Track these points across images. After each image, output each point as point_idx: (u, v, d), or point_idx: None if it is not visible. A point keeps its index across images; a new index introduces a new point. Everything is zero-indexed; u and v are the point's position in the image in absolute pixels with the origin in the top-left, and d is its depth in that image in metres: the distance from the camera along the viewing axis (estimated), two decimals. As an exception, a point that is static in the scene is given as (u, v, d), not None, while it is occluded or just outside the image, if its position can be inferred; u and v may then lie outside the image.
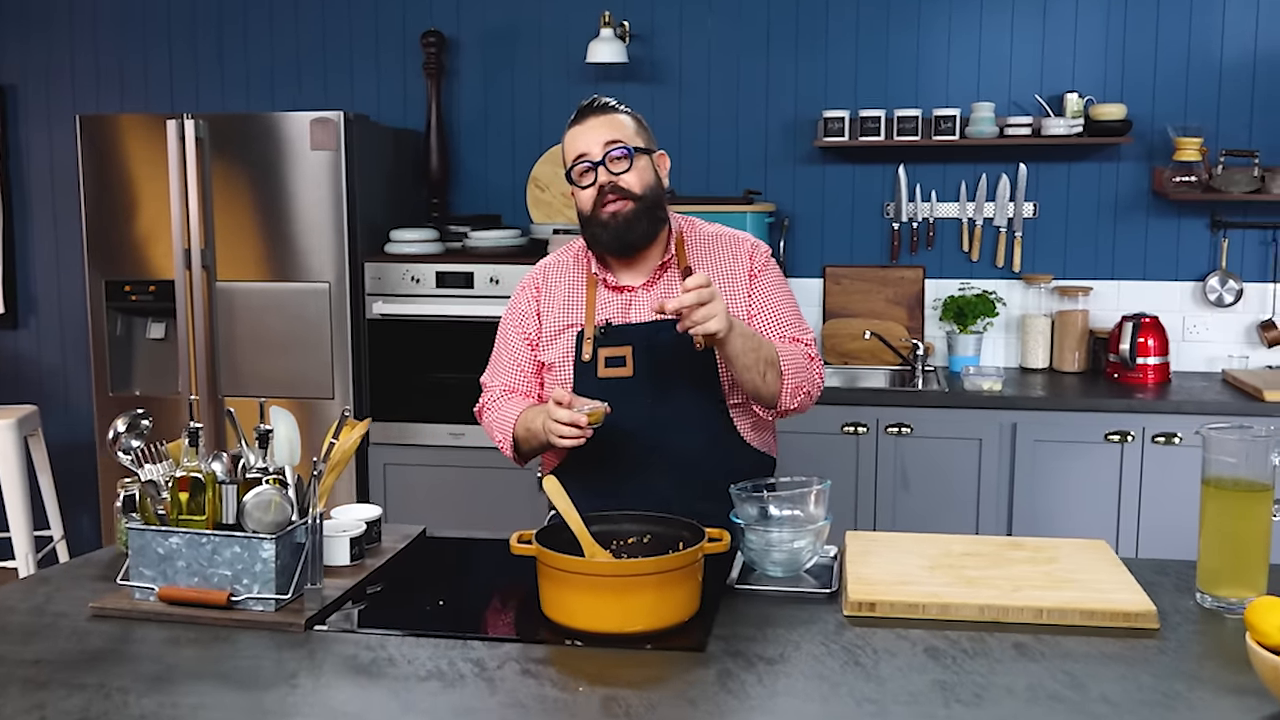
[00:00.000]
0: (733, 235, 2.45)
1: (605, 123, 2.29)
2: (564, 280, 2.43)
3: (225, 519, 1.89)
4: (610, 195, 2.27)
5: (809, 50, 4.34)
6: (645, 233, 2.31)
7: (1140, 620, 1.80)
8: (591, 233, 2.33)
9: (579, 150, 2.29)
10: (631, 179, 2.27)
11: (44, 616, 1.88)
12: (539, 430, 2.24)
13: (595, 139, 2.28)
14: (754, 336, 2.22)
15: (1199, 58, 4.12)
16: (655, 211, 2.32)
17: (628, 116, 2.33)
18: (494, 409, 2.43)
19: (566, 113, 4.41)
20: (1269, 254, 4.16)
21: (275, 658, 1.71)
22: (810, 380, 2.31)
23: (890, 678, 1.63)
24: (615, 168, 2.27)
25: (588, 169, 2.28)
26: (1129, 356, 3.96)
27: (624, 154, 2.27)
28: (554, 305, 2.42)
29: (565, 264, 2.46)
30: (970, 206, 4.31)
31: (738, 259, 2.40)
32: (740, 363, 2.19)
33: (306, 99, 4.61)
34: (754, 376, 2.22)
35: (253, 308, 4.07)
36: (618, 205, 2.27)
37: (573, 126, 2.33)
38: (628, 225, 2.28)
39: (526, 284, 2.48)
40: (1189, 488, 3.65)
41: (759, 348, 2.21)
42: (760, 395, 2.27)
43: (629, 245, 2.31)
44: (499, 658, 1.71)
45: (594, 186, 2.28)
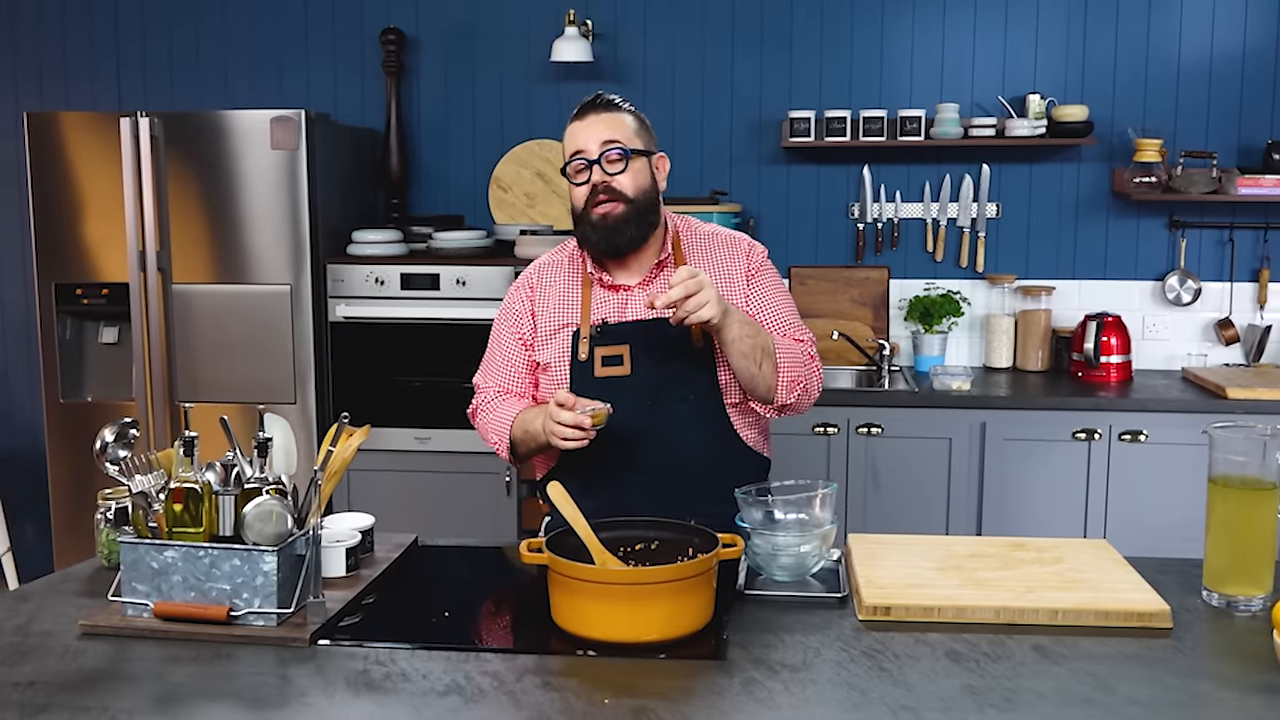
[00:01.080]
0: (729, 235, 2.43)
1: (605, 121, 2.26)
2: (558, 279, 2.39)
3: (222, 531, 1.82)
4: (602, 195, 2.23)
5: (773, 50, 4.33)
6: (634, 237, 2.28)
7: (1154, 620, 1.81)
8: (581, 231, 2.30)
9: (577, 146, 2.26)
10: (625, 181, 2.24)
11: (30, 636, 1.80)
12: (538, 431, 2.20)
13: (594, 136, 2.25)
14: (752, 324, 2.20)
15: (1157, 61, 4.18)
16: (647, 216, 2.28)
17: (630, 116, 2.30)
18: (489, 410, 2.38)
19: (528, 112, 4.44)
20: (1225, 254, 4.23)
21: (282, 675, 1.65)
22: (808, 378, 2.29)
23: (918, 683, 1.61)
24: (610, 168, 2.23)
25: (583, 166, 2.25)
26: (1093, 355, 4.01)
27: (620, 155, 2.24)
28: (549, 305, 2.38)
29: (560, 263, 2.42)
30: (934, 207, 4.33)
31: (735, 259, 2.37)
32: (737, 348, 2.17)
33: (260, 97, 4.50)
34: (750, 364, 2.19)
35: (210, 311, 3.97)
36: (608, 207, 2.24)
37: (574, 121, 2.29)
38: (616, 228, 2.25)
39: (520, 284, 2.44)
40: (1155, 485, 3.73)
41: (756, 334, 2.19)
42: (757, 386, 2.24)
43: (616, 248, 2.28)
44: (516, 670, 1.67)
45: (587, 185, 2.25)
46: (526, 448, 2.31)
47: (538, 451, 2.31)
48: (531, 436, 2.25)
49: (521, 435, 2.30)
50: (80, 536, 4.09)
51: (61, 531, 4.12)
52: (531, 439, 2.26)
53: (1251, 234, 4.20)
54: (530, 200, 4.46)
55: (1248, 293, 4.23)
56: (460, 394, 3.91)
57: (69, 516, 4.10)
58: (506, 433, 2.32)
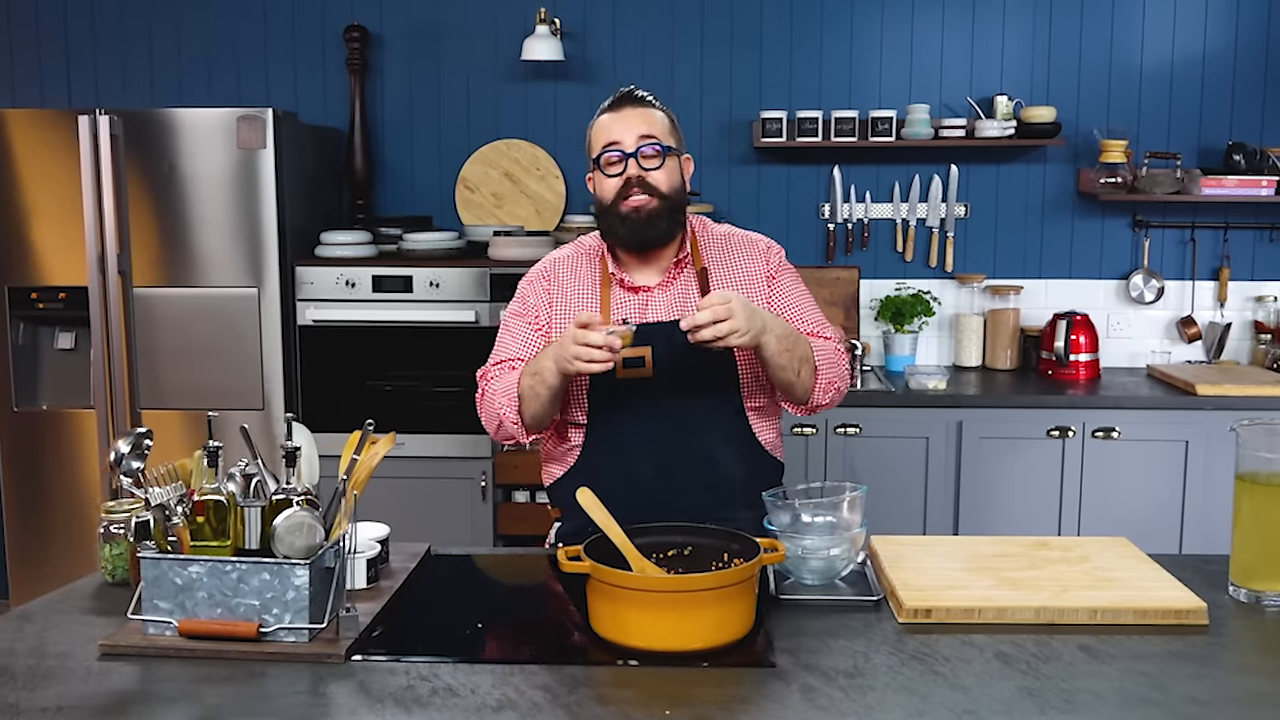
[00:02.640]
0: (745, 236, 2.42)
1: (642, 115, 2.24)
2: (575, 277, 2.36)
3: (248, 544, 1.75)
4: (636, 189, 2.21)
5: (743, 51, 4.32)
6: (664, 232, 2.26)
7: (1190, 617, 1.82)
8: (608, 223, 2.27)
9: (611, 138, 2.23)
10: (660, 177, 2.22)
11: (46, 658, 1.71)
12: (546, 368, 2.12)
13: (630, 129, 2.22)
14: (790, 334, 2.18)
15: (1120, 64, 4.24)
16: (676, 214, 2.27)
17: (663, 114, 2.29)
18: (494, 382, 2.30)
19: (495, 111, 4.38)
20: (1187, 253, 4.31)
21: (323, 693, 1.59)
22: (841, 376, 2.30)
23: (974, 686, 1.60)
24: (647, 163, 2.22)
25: (618, 159, 2.22)
26: (1063, 353, 4.06)
27: (657, 151, 2.22)
28: (567, 301, 2.34)
29: (576, 260, 2.38)
30: (904, 207, 4.35)
31: (754, 260, 2.36)
32: (776, 363, 2.16)
33: (216, 95, 4.38)
34: (789, 375, 2.19)
35: (173, 315, 3.85)
36: (641, 201, 2.22)
37: (607, 113, 2.27)
38: (648, 222, 2.23)
39: (535, 277, 2.39)
40: (1128, 481, 3.78)
41: (795, 345, 2.18)
42: (794, 392, 2.24)
43: (646, 242, 2.26)
44: (565, 682, 1.62)
45: (621, 177, 2.22)
46: (535, 396, 2.18)
47: (548, 402, 2.19)
48: (540, 379, 2.15)
49: (530, 381, 2.19)
50: (36, 549, 3.95)
51: (16, 544, 3.97)
52: (540, 381, 2.15)
53: (1212, 233, 4.29)
54: (498, 201, 4.40)
55: (1208, 291, 4.31)
56: (435, 397, 3.87)
57: (24, 528, 3.95)
58: (514, 388, 2.22)
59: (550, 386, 2.16)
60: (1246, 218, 4.26)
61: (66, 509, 3.94)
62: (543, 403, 2.20)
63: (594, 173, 2.29)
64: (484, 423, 2.36)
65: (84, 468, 3.91)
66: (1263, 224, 4.26)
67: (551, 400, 2.20)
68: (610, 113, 2.27)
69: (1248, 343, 4.31)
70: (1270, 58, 4.20)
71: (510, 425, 2.27)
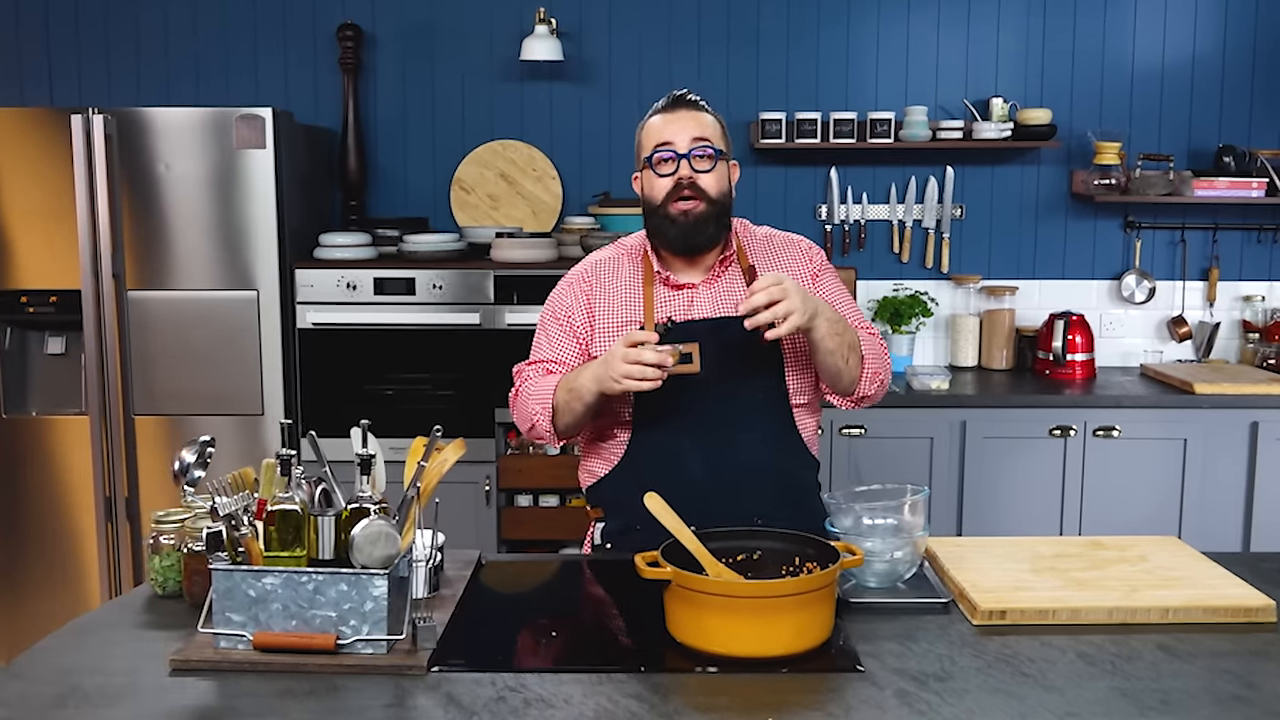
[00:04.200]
0: (787, 237, 2.43)
1: (695, 119, 2.24)
2: (618, 277, 2.35)
3: (322, 554, 1.71)
4: (687, 191, 2.22)
5: (740, 52, 4.32)
6: (712, 237, 2.27)
7: (1259, 615, 1.84)
8: (656, 223, 2.26)
9: (665, 138, 2.23)
10: (710, 181, 2.22)
11: (113, 675, 1.66)
12: (584, 386, 2.15)
13: (684, 131, 2.22)
14: (839, 320, 2.19)
15: (1112, 66, 4.29)
16: (723, 218, 2.28)
17: (714, 119, 2.29)
18: (531, 384, 2.32)
19: (490, 112, 4.34)
20: (1178, 253, 4.37)
21: (415, 706, 1.55)
22: (885, 368, 2.32)
23: (1066, 688, 1.60)
24: (699, 166, 2.22)
25: (670, 159, 2.21)
26: (1061, 353, 4.10)
27: (709, 154, 2.22)
28: (609, 301, 2.34)
29: (618, 260, 2.38)
30: (900, 208, 4.37)
31: (797, 260, 2.37)
32: (825, 347, 2.17)
33: (205, 95, 4.29)
34: (838, 361, 2.20)
35: (169, 319, 3.77)
36: (690, 205, 2.22)
37: (661, 114, 2.27)
38: (697, 226, 2.23)
39: (574, 279, 2.38)
40: (1129, 478, 3.82)
41: (844, 331, 2.20)
42: (840, 380, 2.24)
43: (694, 246, 2.26)
44: (655, 690, 1.60)
45: (672, 178, 2.22)
46: (570, 410, 2.22)
47: (583, 415, 2.23)
48: (576, 395, 2.19)
49: (565, 396, 2.22)
50: (28, 559, 3.84)
51: (6, 553, 3.86)
52: (576, 398, 2.19)
53: (1201, 234, 4.35)
54: (494, 202, 4.36)
55: (1198, 291, 4.38)
56: (438, 400, 3.82)
57: (13, 538, 3.85)
58: (549, 398, 2.25)
59: (587, 404, 2.20)
60: (1235, 219, 4.33)
61: (57, 518, 3.84)
62: (577, 416, 2.24)
63: (642, 172, 2.29)
64: (516, 420, 2.38)
65: (75, 475, 3.81)
66: (1250, 225, 4.34)
67: (586, 413, 2.24)
68: (664, 114, 2.27)
69: (1236, 341, 4.38)
70: (1257, 61, 4.28)
71: (543, 431, 2.30)
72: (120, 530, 3.82)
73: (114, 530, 3.81)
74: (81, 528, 3.83)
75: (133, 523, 3.82)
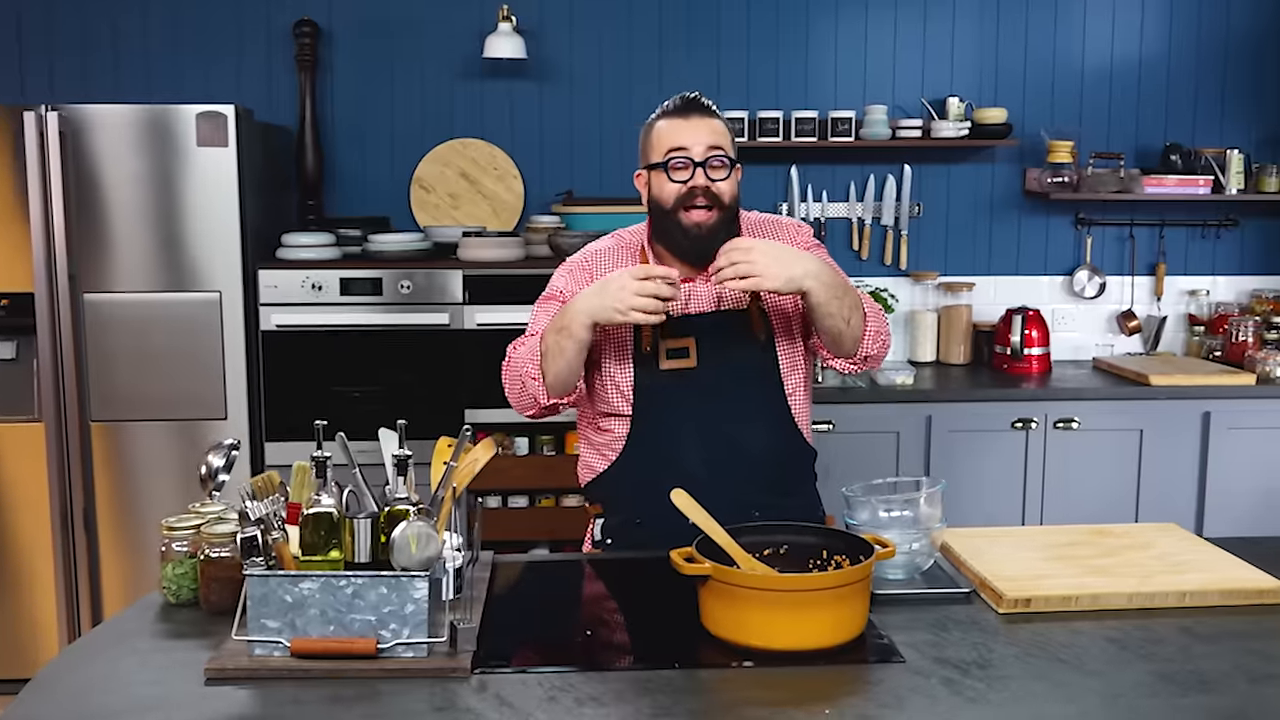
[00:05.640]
0: (776, 219, 2.46)
1: (710, 126, 2.24)
2: (615, 269, 2.34)
3: (359, 557, 1.68)
4: (702, 199, 2.22)
5: (701, 51, 4.34)
6: (722, 245, 2.26)
7: (1271, 596, 1.89)
8: (667, 229, 2.26)
9: (680, 143, 2.22)
10: (724, 188, 2.24)
11: (145, 685, 1.61)
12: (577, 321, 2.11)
13: (700, 138, 2.22)
14: (839, 283, 2.18)
15: (1063, 67, 4.39)
16: (732, 225, 2.29)
17: (726, 125, 2.29)
18: (522, 347, 2.28)
19: (450, 110, 4.30)
20: (1126, 250, 4.49)
21: (469, 708, 1.53)
22: (886, 329, 2.32)
23: (1106, 672, 1.64)
24: (715, 175, 2.23)
25: (685, 164, 2.20)
26: (1019, 348, 4.18)
27: (725, 163, 2.23)
28: None
29: (617, 252, 2.38)
30: (859, 206, 4.43)
31: (786, 241, 2.38)
32: (825, 310, 2.17)
33: (157, 92, 4.18)
34: (838, 323, 2.19)
35: (127, 322, 3.66)
36: (704, 215, 2.23)
37: (674, 118, 2.25)
38: (709, 237, 2.23)
39: (574, 268, 2.37)
40: (1088, 469, 3.92)
41: (845, 294, 2.19)
42: (843, 343, 2.24)
43: (705, 256, 2.25)
44: (707, 684, 1.61)
45: (686, 185, 2.21)
46: (560, 352, 2.16)
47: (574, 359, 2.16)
48: (566, 332, 2.13)
49: (554, 337, 2.16)
50: (-22, 573, 3.71)
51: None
52: (566, 335, 2.13)
53: (1149, 231, 4.48)
54: (455, 201, 4.31)
55: (1146, 286, 4.50)
56: (407, 402, 3.76)
57: (-36, 552, 3.71)
58: (538, 348, 2.21)
59: (578, 340, 2.14)
60: (1181, 215, 4.46)
61: (8, 530, 3.71)
62: (568, 360, 2.17)
63: (651, 174, 2.27)
64: (507, 390, 2.33)
65: (29, 484, 3.69)
66: (1195, 221, 4.47)
67: (577, 356, 2.18)
68: (678, 118, 2.25)
69: (1183, 334, 4.51)
70: (1200, 63, 4.41)
71: (531, 383, 2.24)
72: (77, 541, 3.70)
73: (71, 541, 3.70)
74: (35, 539, 3.71)
75: (90, 533, 3.71)
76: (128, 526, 3.72)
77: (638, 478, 2.29)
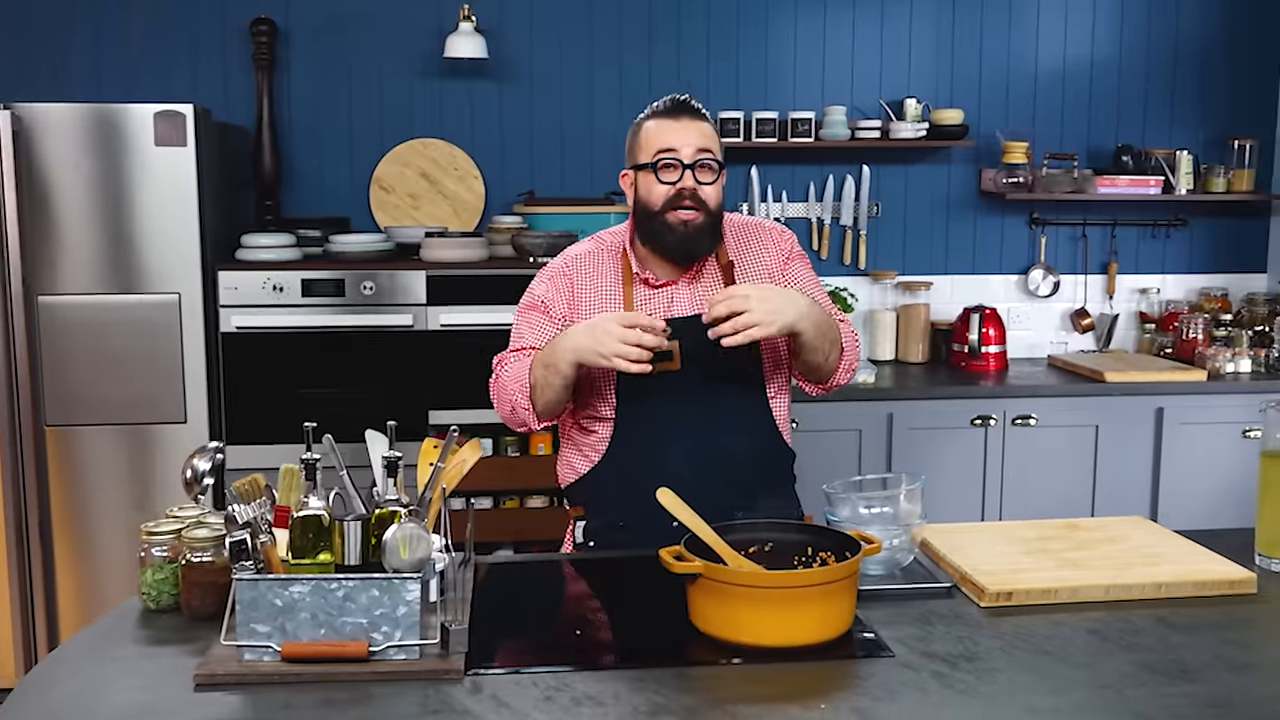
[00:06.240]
0: (759, 224, 2.47)
1: (699, 129, 2.25)
2: (597, 273, 2.35)
3: (349, 560, 1.67)
4: (689, 201, 2.23)
5: (661, 52, 4.35)
6: (707, 247, 2.31)
7: (1242, 586, 1.94)
8: (653, 229, 2.26)
9: (669, 144, 2.22)
10: (710, 192, 2.25)
11: (135, 693, 1.58)
12: (563, 359, 2.13)
13: (689, 141, 2.23)
14: (825, 320, 2.22)
15: (1017, 69, 4.46)
16: (717, 228, 2.31)
17: (713, 128, 2.30)
18: (508, 368, 2.30)
19: (410, 109, 4.27)
20: (1079, 249, 4.57)
21: (466, 710, 1.52)
22: (857, 356, 2.38)
23: (1090, 663, 1.67)
24: (703, 177, 2.24)
25: (674, 165, 2.21)
26: (977, 346, 4.24)
27: (713, 166, 2.25)
28: (589, 299, 2.34)
29: (598, 256, 2.38)
30: (819, 206, 4.46)
31: (767, 248, 2.41)
32: (811, 346, 2.21)
33: (111, 92, 4.10)
34: (819, 358, 2.26)
35: (83, 325, 3.60)
36: (691, 216, 2.24)
37: (663, 119, 2.26)
38: (696, 237, 2.25)
39: (555, 273, 2.37)
40: (1045, 464, 3.98)
41: (828, 330, 2.23)
42: (820, 373, 2.31)
43: (691, 256, 2.28)
44: (701, 681, 1.62)
45: (674, 186, 2.22)
46: (548, 386, 2.20)
47: (561, 391, 2.20)
48: (553, 369, 2.17)
49: (541, 372, 2.20)
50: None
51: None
52: (553, 372, 2.17)
53: (1101, 230, 4.56)
54: (415, 201, 4.29)
55: (1098, 284, 4.58)
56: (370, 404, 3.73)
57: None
58: (526, 377, 2.23)
59: (565, 377, 2.18)
60: (1132, 215, 4.54)
61: (-39, 537, 3.63)
62: (555, 391, 2.22)
63: (639, 174, 2.28)
64: (496, 407, 2.36)
65: (-19, 491, 3.61)
66: (1145, 221, 4.56)
67: (564, 389, 2.22)
68: (667, 119, 2.26)
69: (1134, 332, 4.60)
70: (1150, 66, 4.50)
71: (523, 411, 2.28)
72: (33, 549, 3.63)
73: (26, 549, 3.63)
74: (-13, 546, 3.64)
75: (45, 542, 3.64)
76: (84, 533, 3.66)
77: (621, 480, 2.30)
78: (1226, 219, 4.61)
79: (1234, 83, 4.54)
